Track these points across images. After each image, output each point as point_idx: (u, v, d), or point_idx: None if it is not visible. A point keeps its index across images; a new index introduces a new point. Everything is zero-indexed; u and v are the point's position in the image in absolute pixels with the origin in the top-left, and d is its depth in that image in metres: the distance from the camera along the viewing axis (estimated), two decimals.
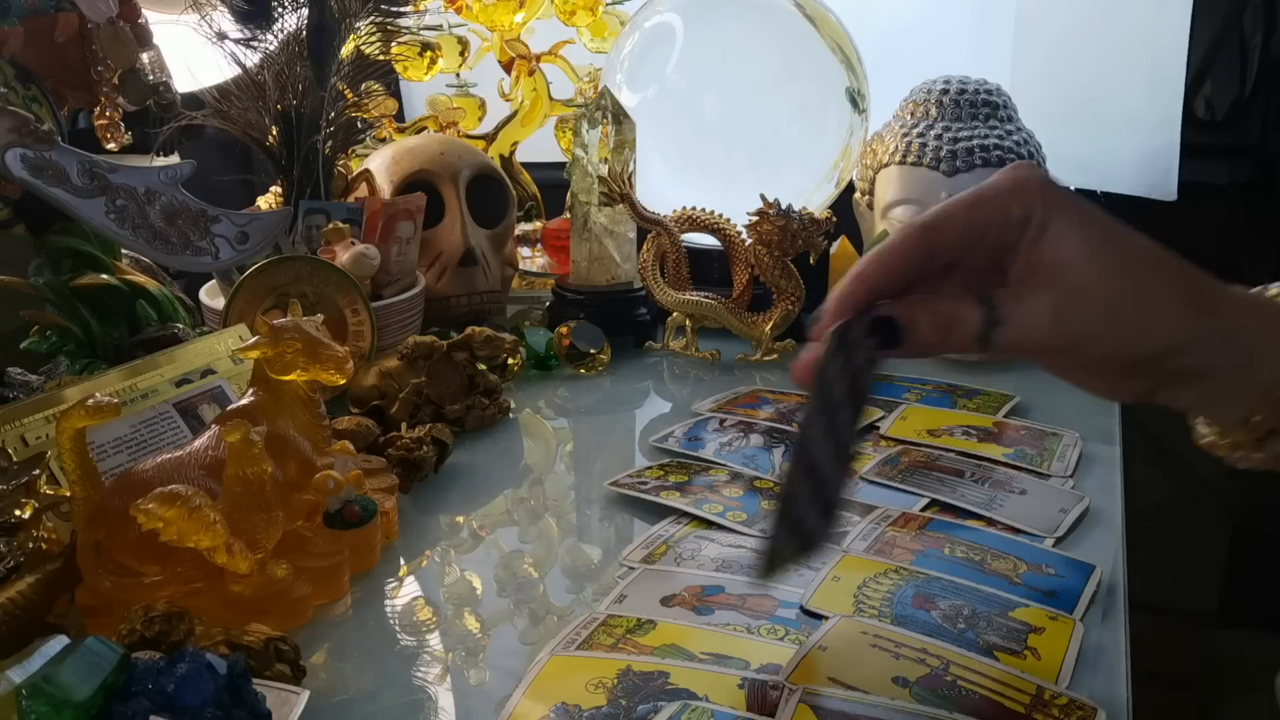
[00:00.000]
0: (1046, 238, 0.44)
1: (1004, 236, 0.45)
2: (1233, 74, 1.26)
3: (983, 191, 0.45)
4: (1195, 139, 1.24)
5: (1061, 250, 0.44)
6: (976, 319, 0.44)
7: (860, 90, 1.15)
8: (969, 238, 0.45)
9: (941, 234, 0.45)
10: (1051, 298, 0.44)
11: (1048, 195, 0.44)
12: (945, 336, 0.45)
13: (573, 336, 1.01)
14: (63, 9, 0.87)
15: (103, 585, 0.56)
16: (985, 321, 0.44)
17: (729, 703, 0.50)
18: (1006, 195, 0.45)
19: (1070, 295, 0.43)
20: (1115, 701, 0.51)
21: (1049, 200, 0.44)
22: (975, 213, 0.45)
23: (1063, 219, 0.44)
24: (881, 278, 0.46)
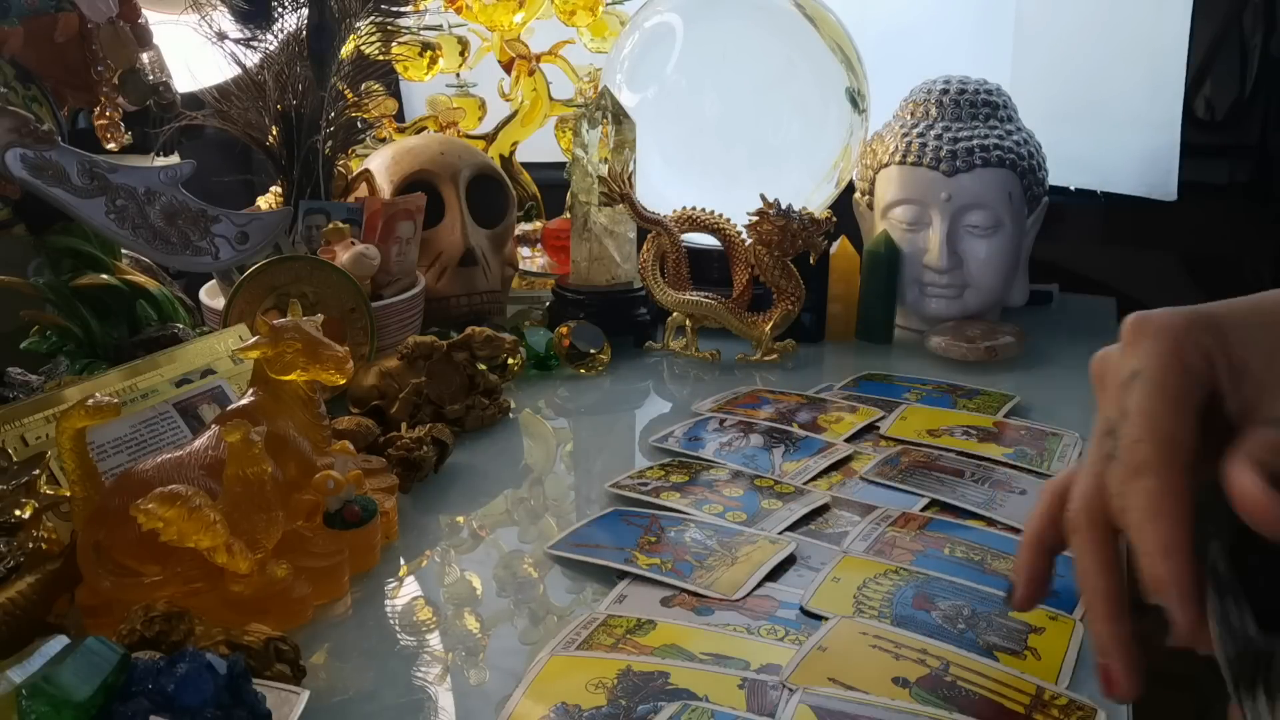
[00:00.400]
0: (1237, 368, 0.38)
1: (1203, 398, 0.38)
2: (1233, 74, 1.26)
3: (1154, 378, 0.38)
4: (1195, 139, 1.24)
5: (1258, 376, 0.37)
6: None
7: (860, 90, 1.15)
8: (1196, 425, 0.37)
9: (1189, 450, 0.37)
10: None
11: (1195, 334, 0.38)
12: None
13: (573, 336, 1.01)
14: (63, 9, 0.87)
15: (103, 585, 0.56)
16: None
17: (729, 703, 0.50)
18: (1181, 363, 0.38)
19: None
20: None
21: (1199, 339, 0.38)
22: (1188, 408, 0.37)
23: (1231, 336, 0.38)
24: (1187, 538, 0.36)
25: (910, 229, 1.08)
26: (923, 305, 1.10)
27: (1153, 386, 0.37)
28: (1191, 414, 0.37)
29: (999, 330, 1.06)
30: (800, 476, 0.76)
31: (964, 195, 1.05)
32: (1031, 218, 1.11)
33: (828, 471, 0.78)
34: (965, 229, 1.06)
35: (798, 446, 0.82)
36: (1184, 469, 0.36)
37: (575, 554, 0.65)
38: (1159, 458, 0.36)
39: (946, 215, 1.06)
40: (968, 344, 1.03)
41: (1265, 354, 0.38)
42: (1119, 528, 0.38)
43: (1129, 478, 0.37)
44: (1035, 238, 1.13)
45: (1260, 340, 0.38)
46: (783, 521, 0.69)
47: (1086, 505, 0.39)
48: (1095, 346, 0.42)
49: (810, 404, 0.91)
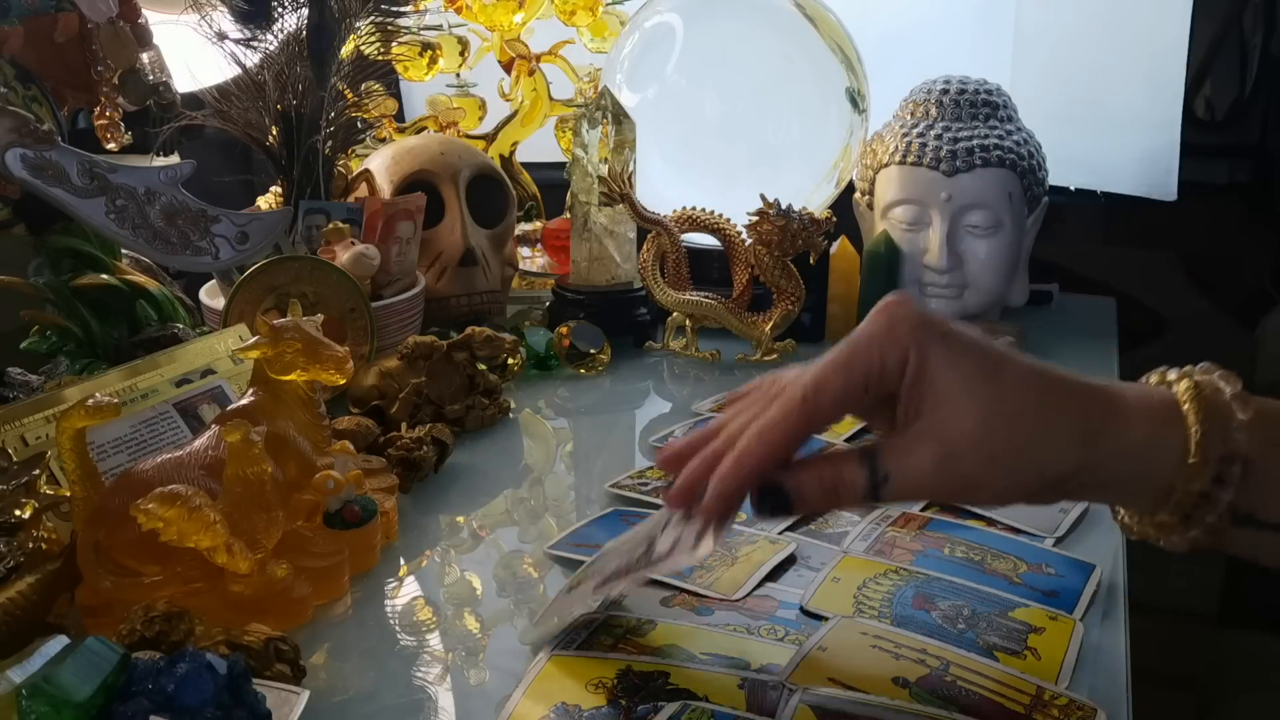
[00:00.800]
0: (924, 381, 0.43)
1: (885, 385, 0.44)
2: (1233, 74, 1.26)
3: (855, 345, 0.44)
4: (1195, 139, 1.24)
5: (937, 395, 0.43)
6: (861, 480, 0.44)
7: (860, 90, 1.15)
8: (848, 401, 0.44)
9: (820, 407, 0.44)
10: (932, 450, 0.43)
11: (919, 334, 0.43)
12: (834, 499, 0.45)
13: (573, 336, 1.01)
14: (63, 9, 0.87)
15: (103, 585, 0.56)
16: (870, 481, 0.44)
17: (729, 703, 0.50)
18: (877, 344, 0.44)
19: (949, 447, 0.43)
20: (1115, 701, 0.51)
21: (921, 340, 0.43)
22: (850, 374, 0.44)
23: (937, 359, 0.43)
24: (766, 458, 0.45)
25: (910, 229, 1.08)
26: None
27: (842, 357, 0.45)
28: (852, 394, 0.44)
29: (999, 330, 1.06)
30: None
31: (964, 195, 1.05)
32: (1031, 218, 1.11)
33: None
34: (965, 229, 1.06)
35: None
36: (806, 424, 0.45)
37: (575, 554, 0.65)
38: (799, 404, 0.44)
39: (946, 215, 1.06)
40: None
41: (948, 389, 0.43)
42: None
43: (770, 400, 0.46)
44: (1035, 238, 1.13)
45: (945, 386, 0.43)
46: (783, 522, 0.69)
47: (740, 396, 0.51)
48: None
49: None
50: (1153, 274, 1.35)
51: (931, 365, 0.43)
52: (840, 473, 0.45)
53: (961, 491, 0.44)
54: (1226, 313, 1.34)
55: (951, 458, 0.43)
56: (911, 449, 0.44)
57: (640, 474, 0.77)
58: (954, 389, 0.43)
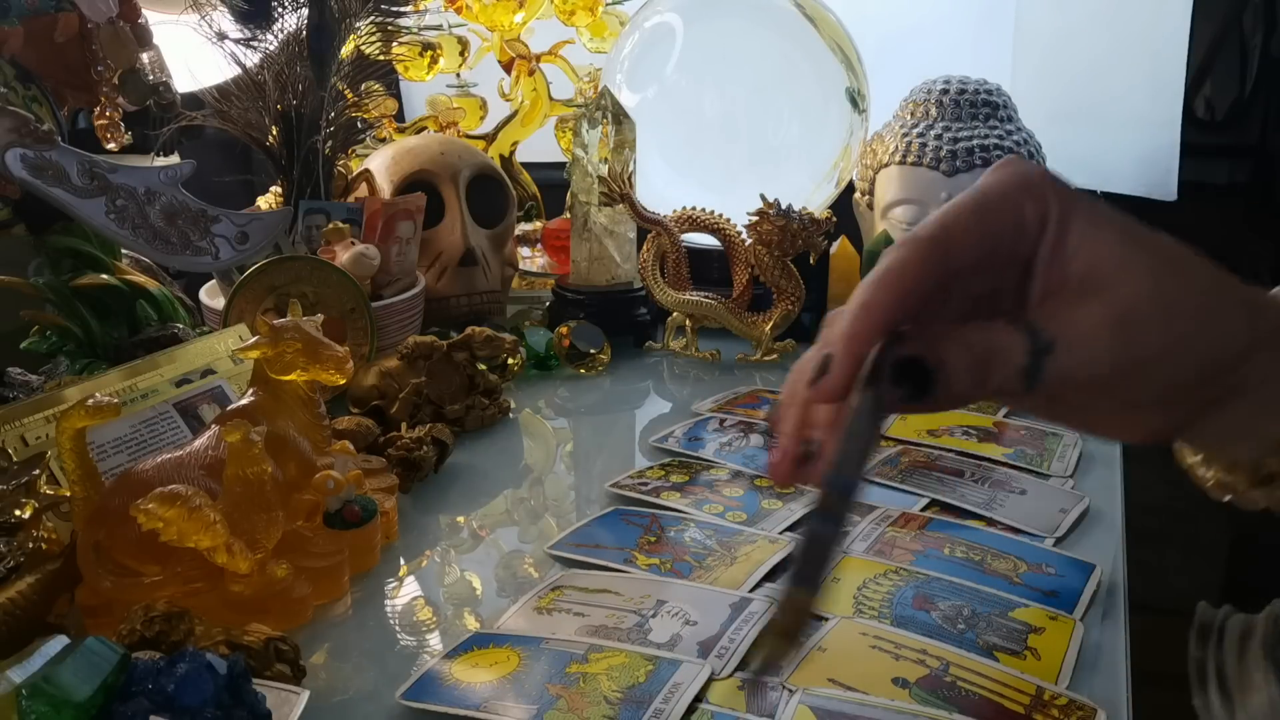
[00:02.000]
0: (1070, 242, 0.36)
1: (1018, 245, 0.36)
2: (1233, 74, 1.26)
3: (987, 192, 0.36)
4: (1195, 139, 1.24)
5: (1094, 255, 0.36)
6: (1020, 347, 0.35)
7: (860, 90, 1.15)
8: (985, 248, 0.36)
9: (955, 243, 0.36)
10: (1103, 311, 0.35)
11: (1060, 192, 0.36)
12: (986, 375, 0.35)
13: (573, 336, 1.01)
14: (63, 9, 0.87)
15: (103, 585, 0.56)
16: (1031, 350, 0.35)
17: (729, 703, 0.50)
18: (1015, 194, 0.36)
19: (1124, 306, 0.35)
20: (1115, 701, 0.51)
21: (1063, 198, 0.36)
22: (986, 219, 0.36)
23: (1083, 219, 0.36)
24: (895, 306, 0.36)
25: (910, 229, 1.08)
26: None
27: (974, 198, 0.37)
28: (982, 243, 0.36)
29: None
30: None
31: None
32: None
33: None
34: None
35: None
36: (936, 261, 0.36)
37: (576, 554, 0.65)
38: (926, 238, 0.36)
39: None
40: None
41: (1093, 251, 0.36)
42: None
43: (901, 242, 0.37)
44: None
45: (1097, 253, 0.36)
46: (783, 521, 0.69)
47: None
48: None
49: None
50: None
51: (1081, 222, 0.36)
52: (991, 340, 0.35)
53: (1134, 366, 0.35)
54: None
55: (1130, 320, 0.35)
56: (1076, 312, 0.35)
57: (640, 473, 0.77)
58: (1115, 247, 0.36)
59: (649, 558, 0.64)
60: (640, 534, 0.67)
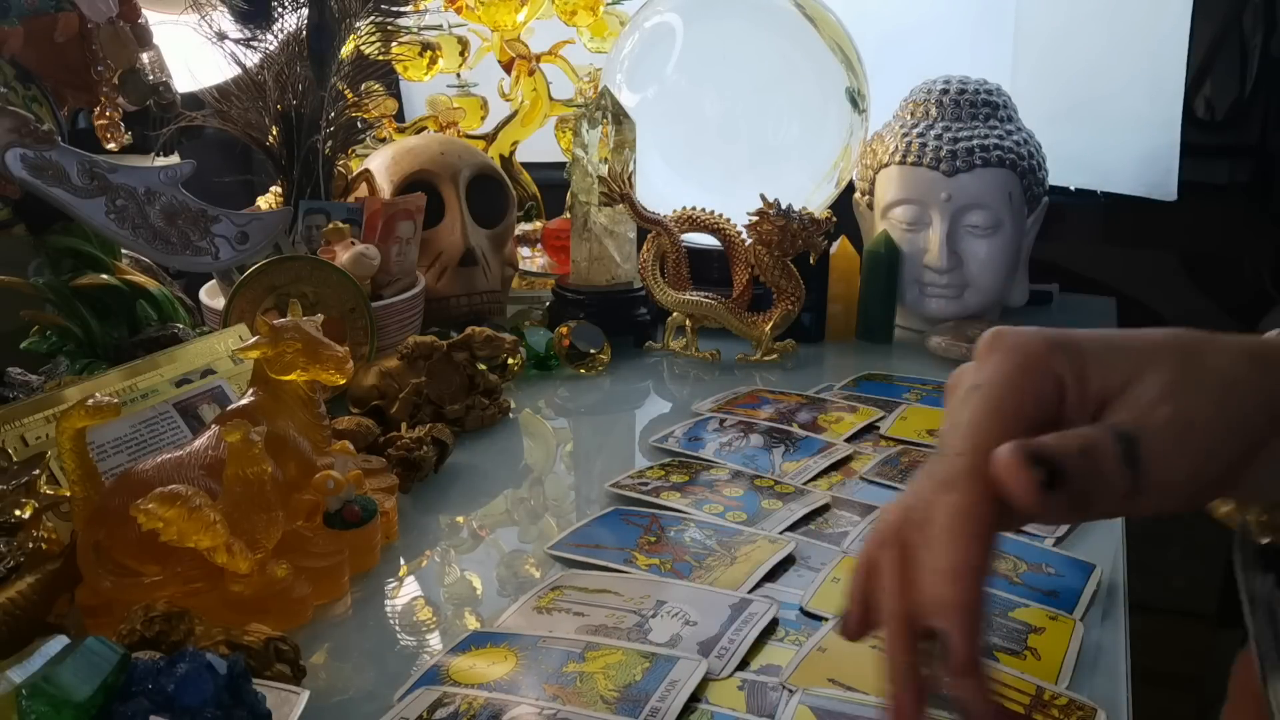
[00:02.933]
0: (1091, 384, 0.36)
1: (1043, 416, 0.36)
2: (1233, 74, 1.26)
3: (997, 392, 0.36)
4: (1195, 139, 1.24)
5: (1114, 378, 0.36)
6: (1108, 442, 0.34)
7: (860, 90, 1.15)
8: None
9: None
10: (1148, 389, 0.35)
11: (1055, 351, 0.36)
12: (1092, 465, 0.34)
13: (573, 336, 1.01)
14: (63, 9, 0.87)
15: (103, 585, 0.56)
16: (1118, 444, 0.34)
17: (729, 703, 0.50)
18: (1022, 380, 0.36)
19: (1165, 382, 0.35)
20: (1115, 701, 0.51)
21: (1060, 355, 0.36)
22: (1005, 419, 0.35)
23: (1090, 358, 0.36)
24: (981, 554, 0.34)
25: (910, 229, 1.08)
26: (923, 305, 1.10)
27: (988, 403, 0.35)
28: (1019, 434, 0.34)
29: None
30: (800, 476, 0.76)
31: (964, 195, 1.05)
32: (1031, 218, 1.11)
33: (828, 471, 0.78)
34: (965, 229, 1.06)
35: (798, 446, 0.82)
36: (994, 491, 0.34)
37: (575, 554, 0.65)
38: (970, 474, 0.34)
39: (946, 215, 1.06)
40: (968, 344, 1.03)
41: (1120, 383, 0.35)
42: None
43: (937, 491, 0.34)
44: (1035, 238, 1.13)
45: (1119, 369, 0.35)
46: (783, 522, 0.69)
47: (894, 519, 0.36)
48: None
49: (810, 404, 0.91)
50: (1153, 274, 1.35)
51: (1091, 366, 0.36)
52: (1083, 436, 0.34)
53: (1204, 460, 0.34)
54: (1226, 313, 1.34)
55: (1174, 388, 0.34)
56: (1127, 399, 0.35)
57: (640, 474, 0.77)
58: (1128, 366, 0.35)
59: (649, 558, 0.64)
60: (640, 534, 0.67)
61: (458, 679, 0.52)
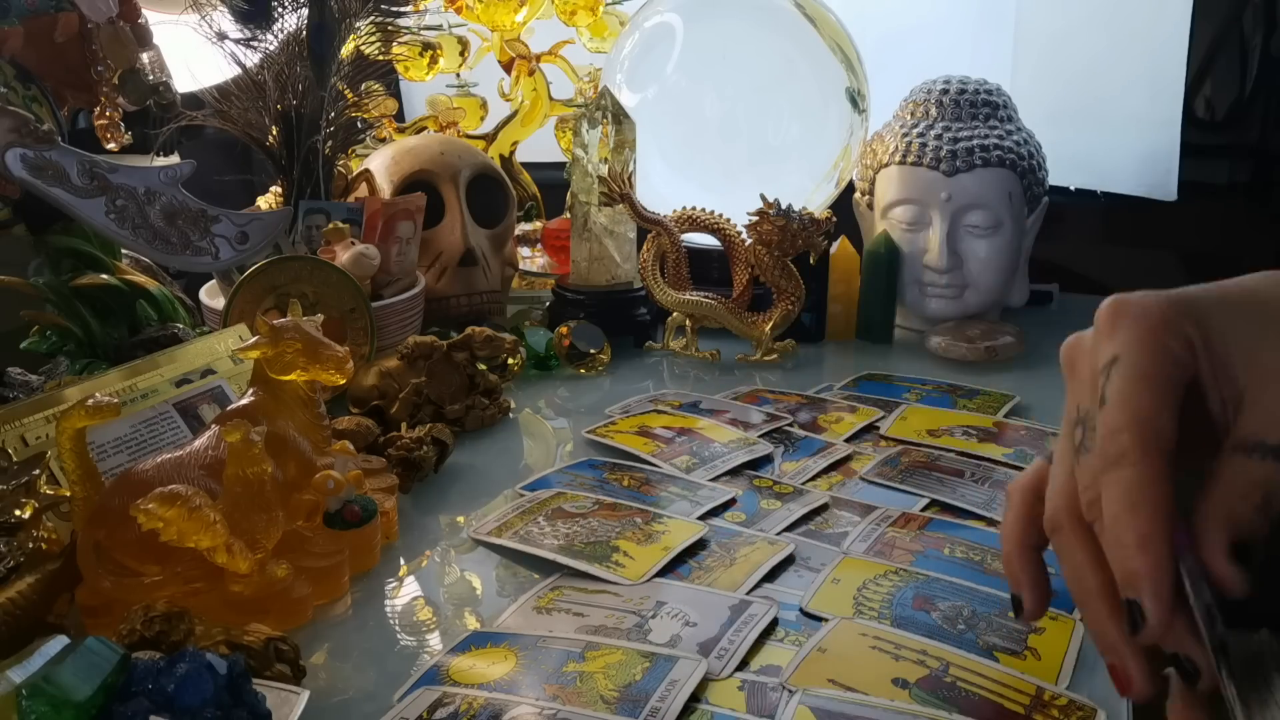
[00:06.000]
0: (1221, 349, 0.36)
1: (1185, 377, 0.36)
2: (1233, 74, 1.26)
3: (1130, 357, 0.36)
4: (1195, 139, 1.24)
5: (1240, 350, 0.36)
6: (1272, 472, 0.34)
7: (860, 90, 1.15)
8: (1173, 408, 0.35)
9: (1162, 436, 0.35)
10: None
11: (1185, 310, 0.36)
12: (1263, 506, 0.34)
13: (573, 336, 1.01)
14: (63, 9, 0.87)
15: (103, 585, 0.56)
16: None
17: (729, 704, 0.50)
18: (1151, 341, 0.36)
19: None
20: (1115, 701, 0.51)
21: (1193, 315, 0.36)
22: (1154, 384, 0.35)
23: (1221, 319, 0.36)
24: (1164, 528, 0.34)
25: (910, 229, 1.08)
26: (923, 305, 1.10)
27: (1133, 372, 0.35)
28: (1173, 401, 0.35)
29: (999, 330, 1.06)
30: (800, 477, 0.76)
31: (964, 195, 1.05)
32: (1031, 218, 1.11)
33: (827, 471, 0.78)
34: (965, 229, 1.06)
35: (797, 446, 0.82)
36: (1164, 458, 0.34)
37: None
38: (1139, 446, 0.34)
39: (946, 215, 1.06)
40: (968, 344, 1.03)
41: (1246, 348, 0.35)
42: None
43: (1106, 468, 0.35)
44: (1035, 238, 1.13)
45: (1243, 332, 0.36)
46: (782, 522, 0.69)
47: (1067, 502, 0.37)
48: None
49: (810, 404, 0.91)
50: (1153, 274, 1.35)
51: (1218, 329, 0.36)
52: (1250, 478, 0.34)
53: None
54: None
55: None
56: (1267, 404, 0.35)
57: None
58: (1252, 337, 0.36)
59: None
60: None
61: (458, 679, 0.52)
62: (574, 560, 0.63)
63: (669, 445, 0.81)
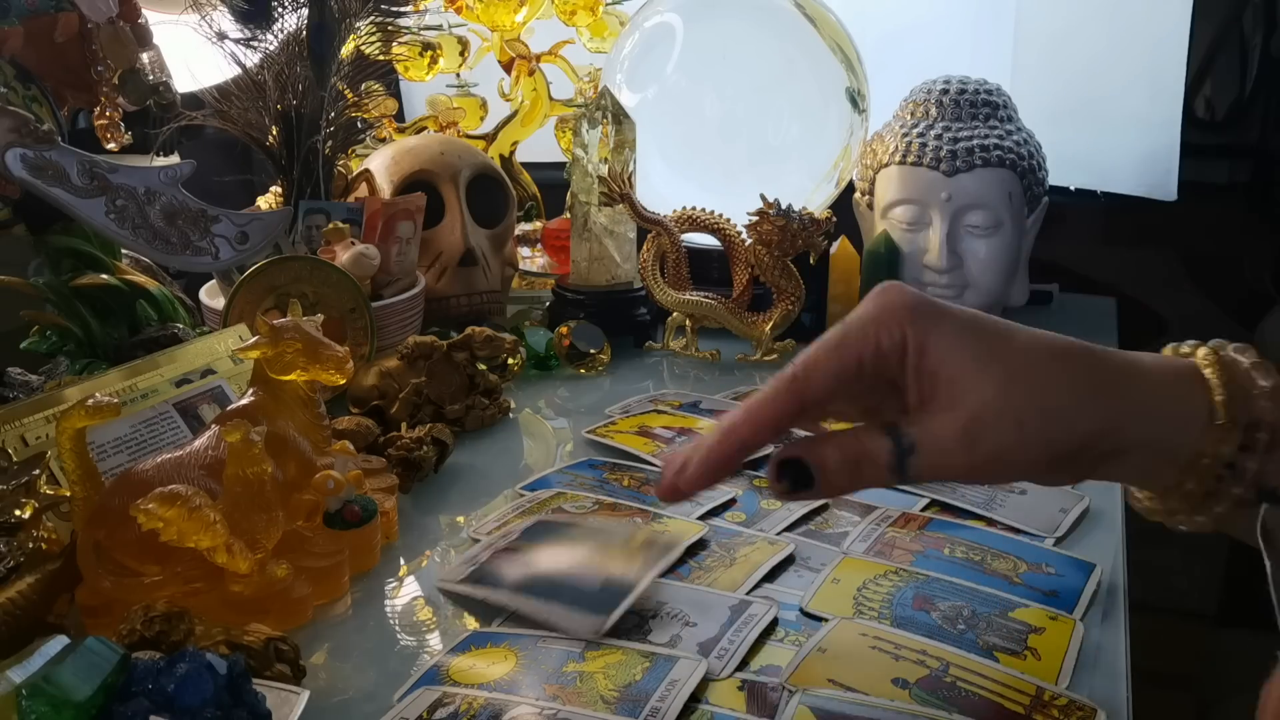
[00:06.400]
0: (928, 359, 0.42)
1: (883, 368, 0.43)
2: (1233, 74, 1.26)
3: (848, 327, 0.44)
4: (1195, 139, 1.24)
5: (949, 368, 0.42)
6: (886, 450, 0.42)
7: (860, 90, 1.15)
8: (841, 381, 0.43)
9: (810, 384, 0.43)
10: (956, 418, 0.41)
11: (915, 315, 0.42)
12: (857, 473, 0.43)
13: (573, 336, 1.01)
14: (63, 9, 0.87)
15: (103, 585, 0.56)
16: (896, 451, 0.42)
17: (729, 704, 0.50)
18: (872, 326, 0.43)
19: (973, 415, 0.41)
20: (1115, 701, 0.51)
21: (917, 320, 0.42)
22: (843, 354, 0.43)
23: (939, 336, 0.42)
24: (749, 436, 0.44)
25: (910, 229, 1.08)
26: None
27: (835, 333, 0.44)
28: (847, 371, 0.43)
29: None
30: None
31: (964, 195, 1.05)
32: (1031, 218, 1.11)
33: None
34: (965, 229, 1.06)
35: None
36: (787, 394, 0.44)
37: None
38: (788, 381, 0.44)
39: (946, 215, 1.06)
40: None
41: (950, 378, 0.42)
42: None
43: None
44: (1035, 238, 1.13)
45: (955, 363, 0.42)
46: (782, 522, 0.69)
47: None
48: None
49: None
50: (1153, 274, 1.35)
51: (935, 343, 0.42)
52: (863, 444, 0.43)
53: (990, 464, 0.42)
54: (1226, 313, 1.34)
55: (977, 426, 0.41)
56: (935, 420, 0.42)
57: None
58: (966, 362, 0.42)
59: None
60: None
61: (458, 679, 0.52)
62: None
63: (669, 445, 0.81)
